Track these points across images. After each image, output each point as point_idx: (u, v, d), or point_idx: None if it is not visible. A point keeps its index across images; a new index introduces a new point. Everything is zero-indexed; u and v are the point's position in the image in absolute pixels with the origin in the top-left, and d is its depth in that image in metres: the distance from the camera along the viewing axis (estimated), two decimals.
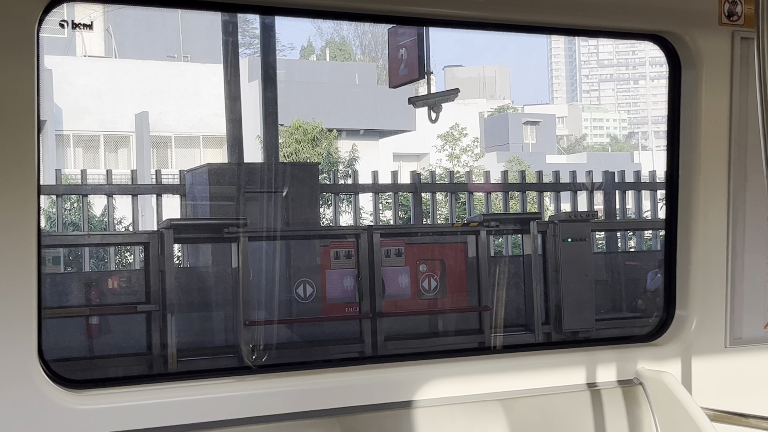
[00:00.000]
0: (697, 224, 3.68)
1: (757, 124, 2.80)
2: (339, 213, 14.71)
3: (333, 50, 48.92)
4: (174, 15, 27.36)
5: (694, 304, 3.69)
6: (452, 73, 56.90)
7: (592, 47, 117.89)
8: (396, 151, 29.68)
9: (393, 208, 14.89)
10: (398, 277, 11.59)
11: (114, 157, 25.80)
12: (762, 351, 3.75)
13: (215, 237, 11.17)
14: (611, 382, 3.57)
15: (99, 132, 25.26)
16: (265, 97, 12.86)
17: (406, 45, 12.04)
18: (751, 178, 3.69)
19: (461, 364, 3.50)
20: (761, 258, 3.76)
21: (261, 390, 3.14)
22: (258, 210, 11.82)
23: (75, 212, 16.48)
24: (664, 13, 3.54)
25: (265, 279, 11.04)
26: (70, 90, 23.78)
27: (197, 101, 25.12)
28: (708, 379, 3.69)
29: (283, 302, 11.24)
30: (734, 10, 3.62)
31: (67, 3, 2.85)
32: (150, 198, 14.56)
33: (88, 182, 13.30)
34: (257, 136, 15.68)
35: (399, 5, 3.19)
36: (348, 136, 26.21)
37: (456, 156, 29.92)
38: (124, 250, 16.32)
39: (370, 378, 3.32)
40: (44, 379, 2.81)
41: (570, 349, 3.79)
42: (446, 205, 15.34)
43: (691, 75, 3.64)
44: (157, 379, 3.18)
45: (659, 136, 62.50)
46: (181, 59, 28.35)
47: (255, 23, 20.37)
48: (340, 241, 11.58)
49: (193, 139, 25.95)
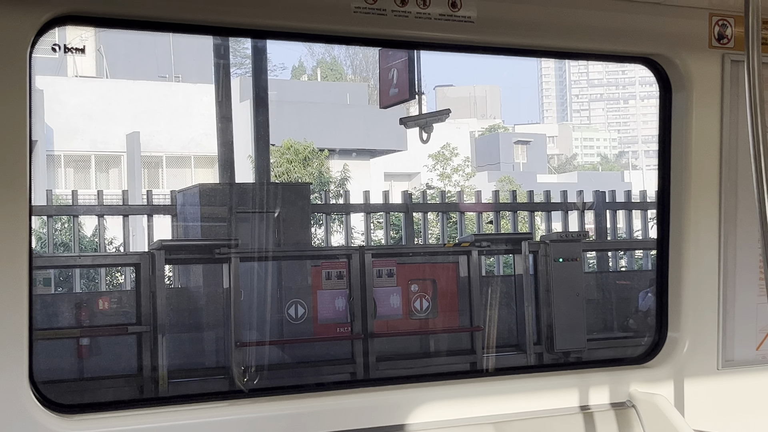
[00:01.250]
0: (689, 246, 3.69)
1: (748, 145, 2.81)
2: (330, 233, 14.70)
3: (324, 70, 49.04)
4: (166, 36, 27.38)
5: (686, 326, 3.69)
6: (443, 93, 57.05)
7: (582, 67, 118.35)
8: (387, 170, 29.72)
9: (384, 228, 14.88)
10: (390, 298, 11.57)
11: (105, 177, 25.76)
12: (754, 373, 3.75)
13: (206, 258, 11.13)
14: (604, 404, 3.56)
15: (90, 152, 25.23)
16: (256, 117, 12.87)
17: (397, 66, 12.06)
18: (741, 199, 3.71)
19: (454, 387, 3.49)
20: (753, 279, 3.77)
21: (253, 414, 3.13)
22: (249, 230, 11.80)
23: (65, 233, 16.44)
24: (655, 36, 3.56)
25: (257, 300, 11.01)
26: (61, 110, 23.76)
27: (188, 121, 25.13)
28: (700, 401, 3.68)
29: (275, 323, 11.21)
30: (724, 33, 3.64)
31: (58, 27, 2.85)
32: (141, 218, 14.53)
33: (79, 203, 13.27)
34: (248, 156, 15.68)
35: (391, 29, 3.20)
36: (340, 156, 26.23)
37: (447, 175, 29.97)
38: (115, 271, 16.27)
39: (362, 401, 3.31)
40: (35, 403, 2.79)
41: (562, 371, 3.79)
42: (437, 225, 15.35)
43: (682, 97, 3.65)
44: (148, 404, 3.16)
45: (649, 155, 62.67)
46: (173, 79, 28.39)
47: (246, 44, 20.42)
48: (331, 261, 11.56)
49: (184, 159, 25.94)
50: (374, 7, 3.13)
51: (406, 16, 3.18)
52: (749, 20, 2.79)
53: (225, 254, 10.62)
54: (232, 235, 11.58)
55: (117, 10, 2.89)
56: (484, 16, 3.27)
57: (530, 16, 3.36)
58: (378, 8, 3.14)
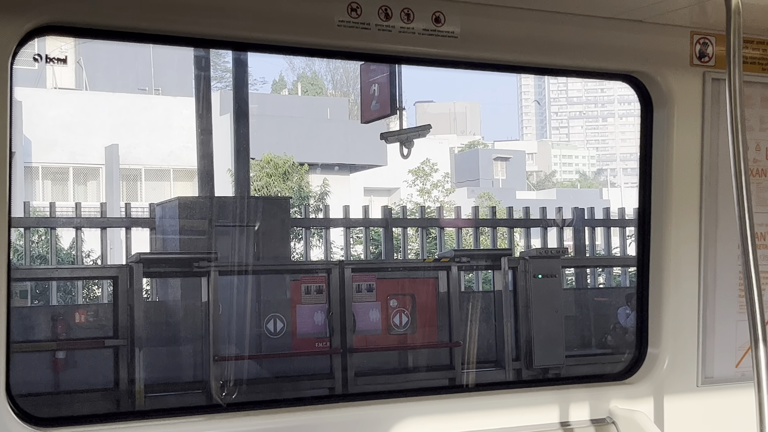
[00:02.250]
0: (669, 263, 3.70)
1: (728, 163, 2.83)
2: (310, 247, 14.67)
3: (305, 85, 49.06)
4: (146, 48, 27.34)
5: (666, 343, 3.69)
6: (423, 109, 57.20)
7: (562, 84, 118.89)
8: (367, 185, 29.73)
9: (364, 243, 14.86)
10: (369, 313, 11.55)
11: (83, 189, 25.63)
12: (733, 390, 3.75)
13: (185, 271, 11.09)
14: (584, 421, 3.56)
15: (68, 164, 25.11)
16: (236, 131, 12.85)
17: (378, 81, 12.09)
18: (722, 216, 3.72)
19: (433, 402, 3.48)
20: (733, 296, 3.78)
21: (231, 429, 3.11)
22: (228, 244, 11.76)
23: (43, 245, 16.33)
24: (636, 53, 3.57)
25: (236, 314, 10.97)
26: (39, 122, 23.64)
27: (168, 134, 25.06)
28: (680, 418, 3.68)
29: (253, 337, 11.17)
30: (705, 51, 3.66)
31: (39, 37, 2.83)
32: (119, 231, 14.45)
33: (57, 215, 13.19)
34: (228, 169, 15.65)
35: (374, 43, 3.20)
36: (321, 171, 26.23)
37: (427, 191, 30.01)
38: (93, 284, 16.16)
39: (341, 417, 3.29)
40: (12, 416, 2.76)
41: (542, 387, 3.78)
42: (417, 240, 15.35)
43: (663, 115, 3.67)
44: (124, 418, 3.13)
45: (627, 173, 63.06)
46: (153, 92, 28.32)
47: (227, 57, 20.40)
48: (311, 275, 11.53)
49: (163, 172, 25.86)
50: (358, 21, 3.13)
51: (389, 31, 3.18)
52: (731, 39, 2.81)
53: (204, 268, 10.58)
54: (211, 248, 11.54)
55: (98, 20, 2.87)
56: (468, 31, 3.27)
57: (513, 32, 3.37)
58: (362, 22, 3.13)
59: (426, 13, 3.21)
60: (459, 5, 3.25)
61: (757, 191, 3.75)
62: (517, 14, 3.35)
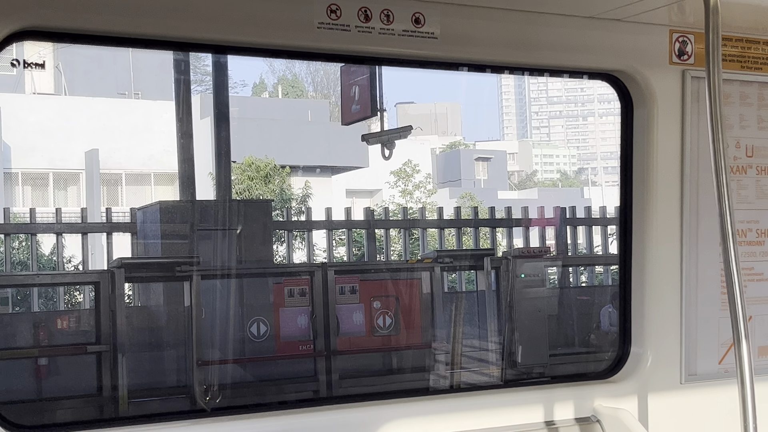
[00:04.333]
0: (651, 261, 3.71)
1: (709, 160, 2.84)
2: (292, 250, 14.63)
3: (285, 87, 48.95)
4: (125, 52, 27.20)
5: (649, 341, 3.71)
6: (404, 110, 57.16)
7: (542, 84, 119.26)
8: (349, 187, 29.69)
9: (347, 245, 14.84)
10: (353, 315, 11.53)
11: (63, 195, 25.49)
12: (717, 387, 3.77)
13: (167, 276, 11.04)
14: (569, 419, 3.57)
15: (48, 170, 24.96)
16: (217, 134, 12.80)
17: (359, 82, 12.07)
18: (703, 214, 3.74)
19: (418, 404, 3.48)
20: (715, 293, 3.80)
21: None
22: (211, 248, 11.72)
23: (23, 251, 16.22)
24: (616, 52, 3.59)
25: (218, 318, 10.93)
26: (18, 127, 23.49)
27: (148, 138, 24.94)
28: (664, 415, 3.70)
29: (237, 341, 11.13)
30: (684, 49, 3.67)
31: (17, 42, 2.81)
32: (100, 236, 14.37)
33: (37, 221, 13.11)
34: (209, 173, 15.60)
35: (354, 45, 3.19)
36: (303, 173, 26.17)
37: (409, 192, 30.00)
38: (74, 290, 16.08)
39: (325, 419, 3.28)
40: None
41: (527, 387, 3.79)
42: (400, 241, 15.34)
43: (643, 113, 3.68)
44: (108, 424, 3.12)
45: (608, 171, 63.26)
46: (132, 96, 28.19)
47: (207, 60, 20.31)
48: (294, 278, 11.50)
49: (144, 177, 25.74)
50: (338, 22, 3.13)
51: (369, 32, 3.18)
52: (709, 37, 2.82)
53: (186, 272, 10.54)
54: (193, 252, 11.50)
55: (77, 24, 2.85)
56: (448, 32, 3.28)
57: (493, 32, 3.38)
58: (341, 24, 3.13)
59: (405, 14, 3.22)
60: (438, 6, 3.25)
61: (738, 188, 3.78)
62: (497, 15, 3.36)
